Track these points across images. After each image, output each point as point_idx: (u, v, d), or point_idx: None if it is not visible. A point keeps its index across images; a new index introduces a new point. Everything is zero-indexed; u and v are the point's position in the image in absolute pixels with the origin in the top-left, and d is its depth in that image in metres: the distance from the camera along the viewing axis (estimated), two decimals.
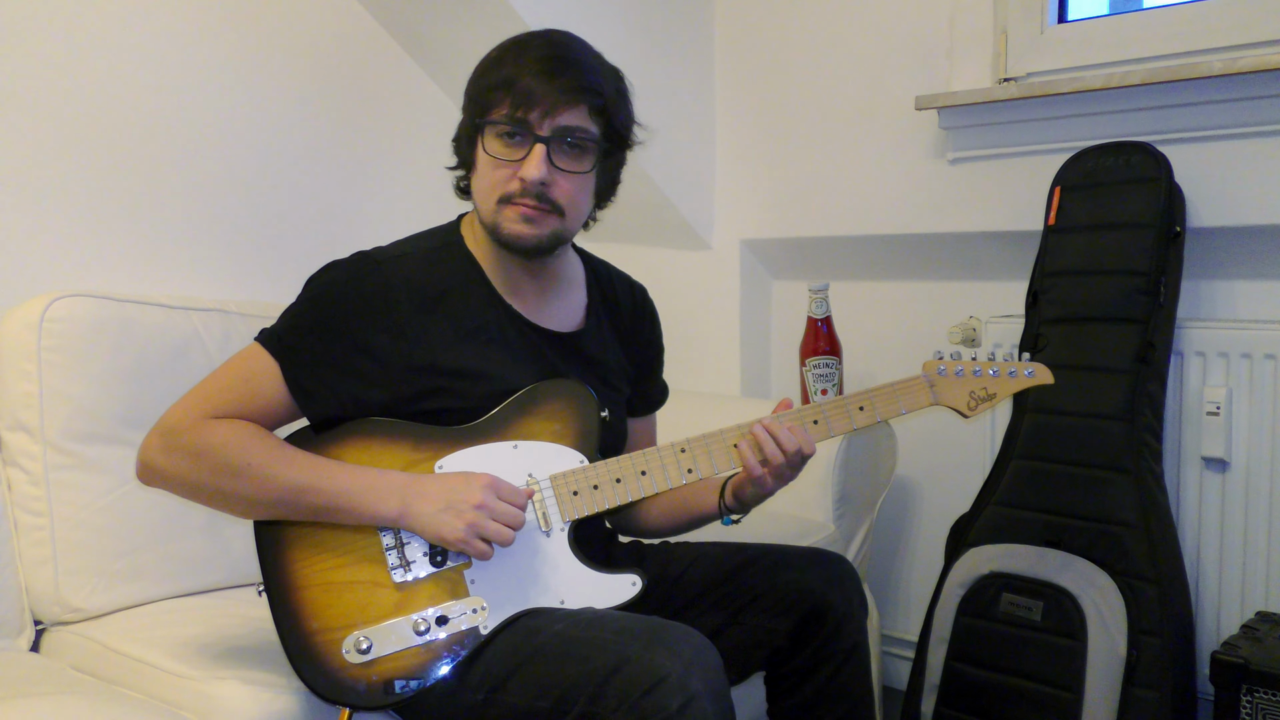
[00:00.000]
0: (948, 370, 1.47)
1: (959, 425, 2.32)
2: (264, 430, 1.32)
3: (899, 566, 2.49)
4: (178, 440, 1.31)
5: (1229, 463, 1.91)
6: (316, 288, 1.37)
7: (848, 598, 1.43)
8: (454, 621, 1.30)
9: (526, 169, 1.32)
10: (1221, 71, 1.82)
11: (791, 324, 2.54)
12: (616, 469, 1.37)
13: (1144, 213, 1.89)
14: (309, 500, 1.28)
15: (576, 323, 1.49)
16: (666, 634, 1.19)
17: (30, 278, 1.77)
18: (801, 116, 2.45)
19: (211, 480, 1.30)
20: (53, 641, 1.61)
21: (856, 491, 2.20)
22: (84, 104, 1.85)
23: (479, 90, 1.35)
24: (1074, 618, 1.82)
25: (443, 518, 1.26)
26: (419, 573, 1.31)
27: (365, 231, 2.28)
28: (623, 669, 1.15)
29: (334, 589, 1.30)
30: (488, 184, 1.36)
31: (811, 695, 1.43)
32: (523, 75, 1.31)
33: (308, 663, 1.29)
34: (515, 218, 1.34)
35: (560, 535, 1.35)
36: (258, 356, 1.34)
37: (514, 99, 1.31)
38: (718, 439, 1.40)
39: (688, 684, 1.13)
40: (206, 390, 1.34)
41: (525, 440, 1.36)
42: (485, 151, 1.35)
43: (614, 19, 2.36)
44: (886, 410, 1.44)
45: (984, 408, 1.47)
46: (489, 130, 1.34)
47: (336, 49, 2.23)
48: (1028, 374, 1.48)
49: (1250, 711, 1.64)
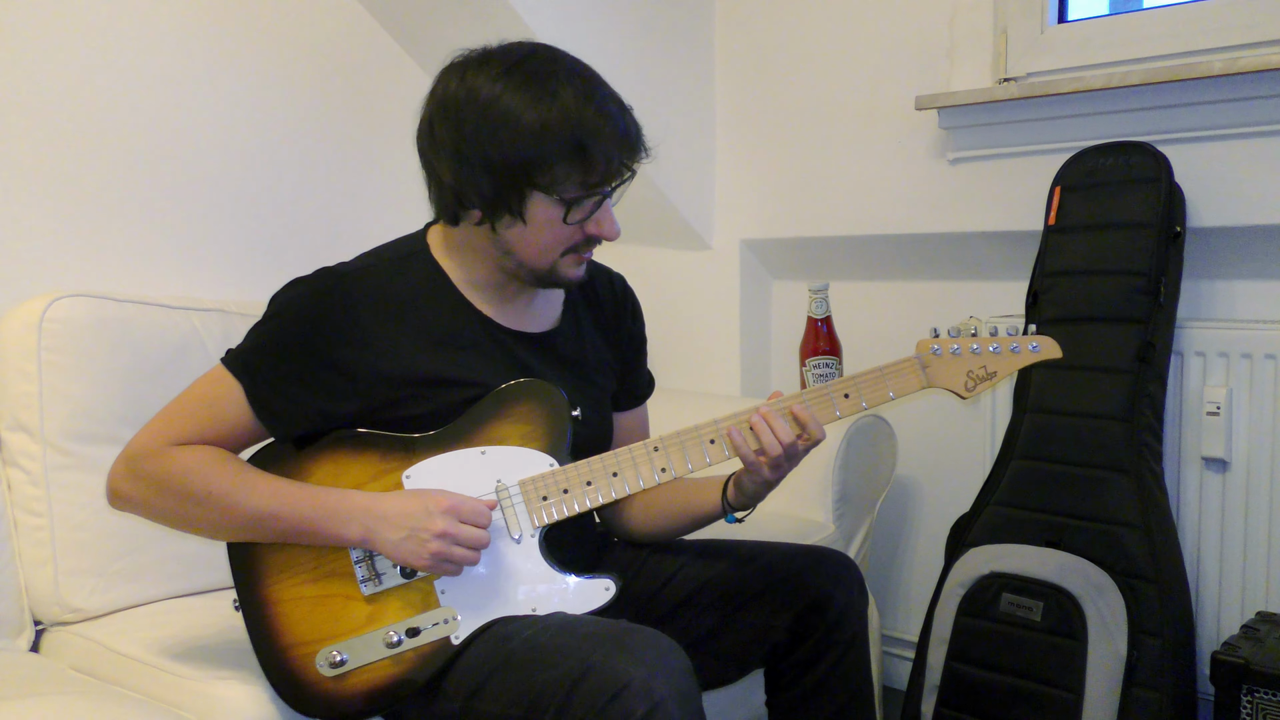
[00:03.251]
0: (943, 350, 1.38)
1: (959, 425, 2.33)
2: (228, 455, 1.32)
3: (899, 566, 2.49)
4: (141, 467, 1.30)
5: (1229, 463, 1.91)
6: (279, 305, 1.35)
7: (848, 590, 1.42)
8: (425, 633, 1.29)
9: (605, 229, 1.34)
10: (1221, 71, 1.82)
11: (791, 324, 2.54)
12: (587, 471, 1.33)
13: (1144, 213, 1.89)
14: (272, 526, 1.28)
15: (552, 322, 1.47)
16: (630, 639, 1.17)
17: (30, 278, 1.77)
18: (801, 116, 2.45)
19: (176, 507, 1.30)
20: (53, 641, 1.61)
21: (856, 491, 2.19)
22: (84, 104, 1.85)
23: (531, 154, 1.26)
24: (1074, 618, 1.82)
25: (407, 546, 1.25)
26: (389, 584, 1.30)
27: (365, 231, 2.28)
28: (588, 676, 1.14)
29: (305, 603, 1.30)
30: (548, 241, 1.33)
31: (812, 686, 1.43)
32: (591, 140, 1.26)
33: (283, 678, 1.29)
34: (575, 264, 1.37)
35: (531, 542, 1.32)
36: (222, 379, 1.32)
37: (585, 166, 1.28)
38: (692, 435, 1.35)
39: (652, 689, 1.11)
40: (170, 415, 1.33)
41: (493, 445, 1.33)
42: (543, 212, 1.30)
43: (614, 19, 2.36)
44: (873, 396, 1.37)
45: (983, 388, 1.38)
46: (553, 194, 1.29)
47: (336, 49, 2.23)
48: (1032, 349, 1.37)
49: (1250, 712, 1.64)
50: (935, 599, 2.01)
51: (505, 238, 1.33)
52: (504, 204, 1.29)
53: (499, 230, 1.33)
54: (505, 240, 1.34)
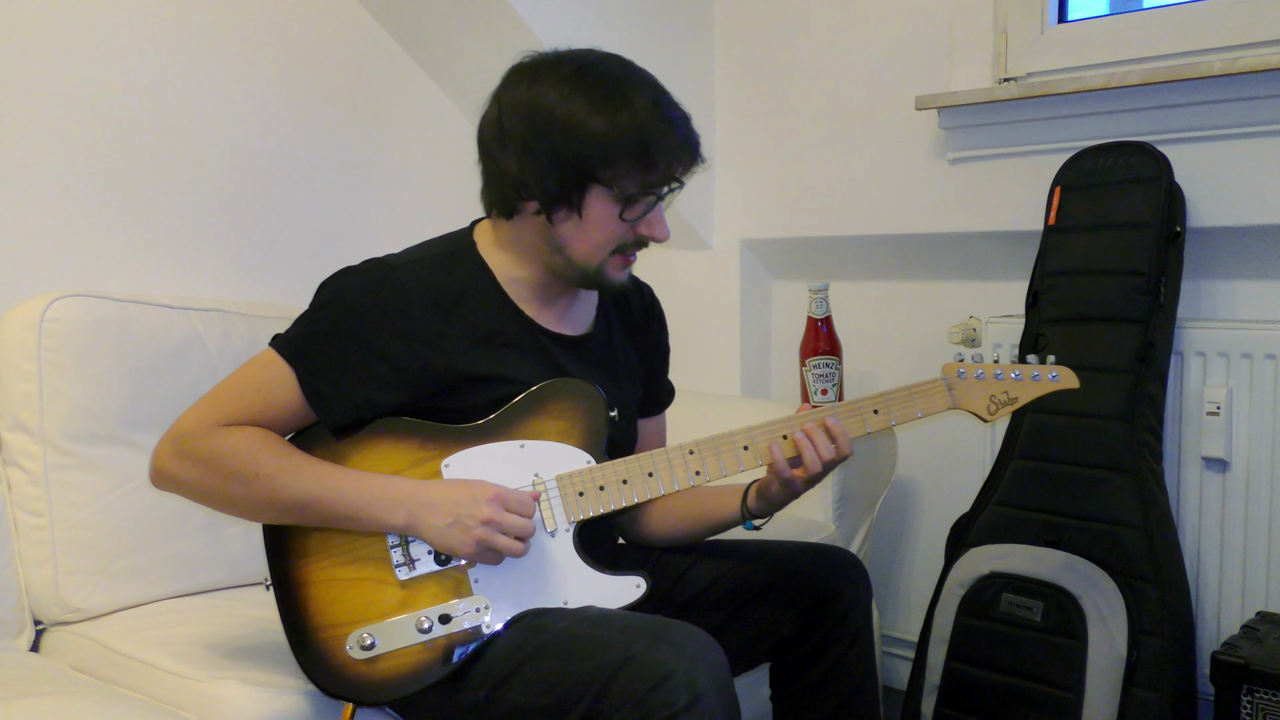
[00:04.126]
0: (968, 373, 1.44)
1: (959, 425, 2.33)
2: (275, 437, 1.33)
3: (899, 566, 2.49)
4: (189, 446, 1.31)
5: (1229, 463, 1.91)
6: (331, 293, 1.36)
7: (854, 585, 1.45)
8: (457, 620, 1.30)
9: (657, 230, 1.38)
10: (1221, 71, 1.82)
11: (791, 324, 2.54)
12: (624, 470, 1.36)
13: (1144, 213, 1.89)
14: (316, 510, 1.29)
15: (586, 326, 1.50)
16: (671, 632, 1.20)
17: (30, 278, 1.77)
18: (801, 116, 2.45)
19: (221, 487, 1.30)
20: (53, 641, 1.61)
21: (856, 491, 2.20)
22: (84, 104, 1.85)
23: (596, 150, 1.31)
24: (1074, 618, 1.82)
25: (451, 533, 1.26)
26: (423, 570, 1.31)
27: (365, 232, 2.28)
28: (627, 666, 1.15)
29: (339, 585, 1.31)
30: (603, 237, 1.36)
31: (817, 679, 1.45)
32: (655, 142, 1.32)
33: (312, 658, 1.30)
34: (621, 266, 1.41)
35: (565, 536, 1.35)
36: (272, 363, 1.33)
37: (646, 165, 1.33)
38: (726, 441, 1.38)
39: (694, 680, 1.14)
40: (220, 397, 1.34)
41: (532, 440, 1.35)
42: (601, 207, 1.34)
43: (614, 19, 2.36)
44: (902, 414, 1.41)
45: (1004, 412, 1.44)
46: (614, 188, 1.33)
47: (338, 50, 2.23)
48: (1052, 378, 1.45)
49: (1250, 712, 1.64)
50: (935, 599, 2.01)
51: (560, 232, 1.36)
52: (565, 197, 1.33)
53: (555, 224, 1.36)
54: (559, 235, 1.36)
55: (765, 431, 1.39)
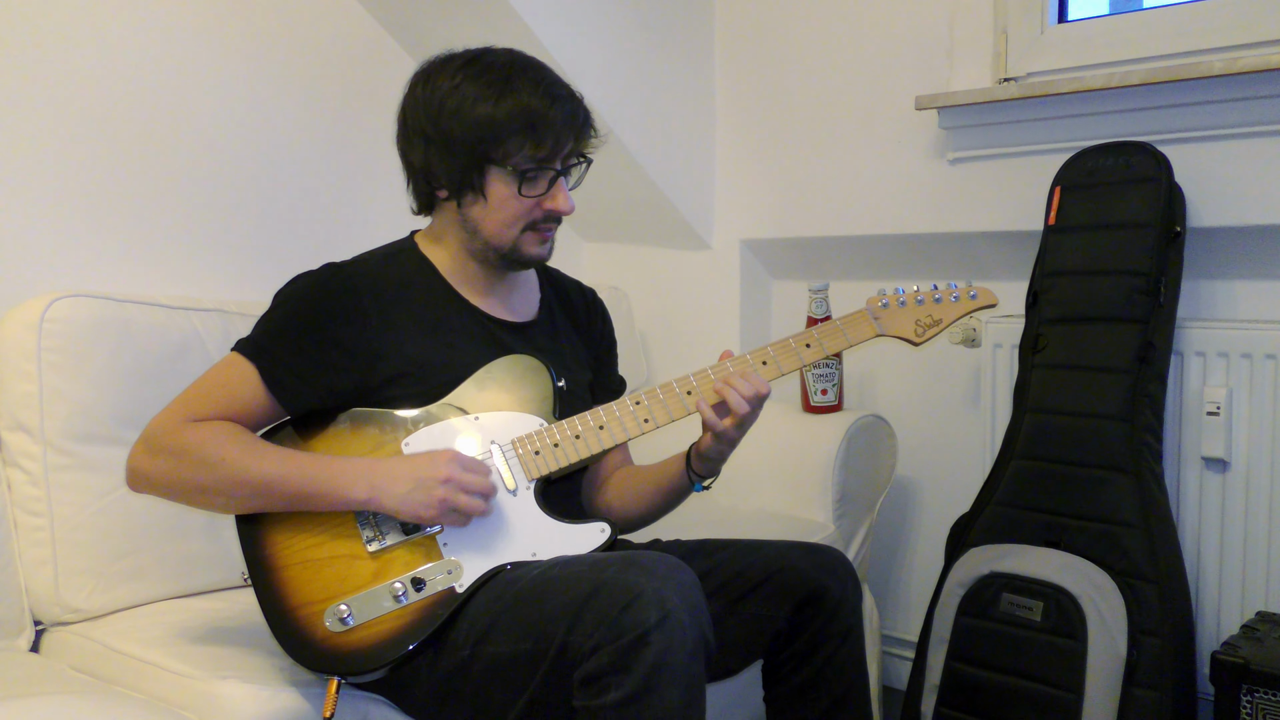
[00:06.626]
0: (890, 302, 1.51)
1: (959, 425, 2.33)
2: (241, 428, 1.38)
3: (899, 566, 2.49)
4: (160, 443, 1.36)
5: (1229, 463, 1.91)
6: (284, 294, 1.45)
7: (842, 582, 1.47)
8: (431, 584, 1.34)
9: (559, 202, 1.45)
10: (1221, 71, 1.82)
11: (791, 324, 2.53)
12: (576, 427, 1.42)
13: (1144, 213, 1.89)
14: (281, 490, 1.34)
15: (531, 314, 1.58)
16: (640, 558, 1.24)
17: (30, 278, 1.77)
18: (801, 116, 2.45)
19: (191, 476, 1.35)
20: (53, 641, 1.61)
21: (856, 491, 2.20)
22: (84, 104, 1.85)
23: (486, 132, 1.40)
24: (1074, 618, 1.82)
25: (414, 496, 1.31)
26: (392, 541, 1.36)
27: (365, 232, 2.27)
28: (598, 592, 1.19)
29: (312, 565, 1.35)
30: (508, 215, 1.44)
31: (809, 678, 1.46)
32: (539, 118, 1.40)
33: (292, 637, 1.33)
34: (536, 241, 1.47)
35: (526, 494, 1.40)
36: (235, 363, 1.40)
37: (534, 141, 1.40)
38: (669, 389, 1.45)
39: (664, 598, 1.17)
40: (187, 398, 1.40)
41: (485, 412, 1.42)
42: (501, 186, 1.43)
43: (614, 19, 2.36)
44: (832, 344, 1.48)
45: (932, 334, 1.51)
46: (508, 166, 1.41)
47: (336, 48, 2.23)
48: (971, 296, 1.52)
49: (1250, 711, 1.64)
50: (935, 599, 2.01)
51: (470, 215, 1.45)
52: (468, 181, 1.42)
53: (464, 208, 1.45)
54: (471, 218, 1.45)
55: (702, 376, 1.46)
